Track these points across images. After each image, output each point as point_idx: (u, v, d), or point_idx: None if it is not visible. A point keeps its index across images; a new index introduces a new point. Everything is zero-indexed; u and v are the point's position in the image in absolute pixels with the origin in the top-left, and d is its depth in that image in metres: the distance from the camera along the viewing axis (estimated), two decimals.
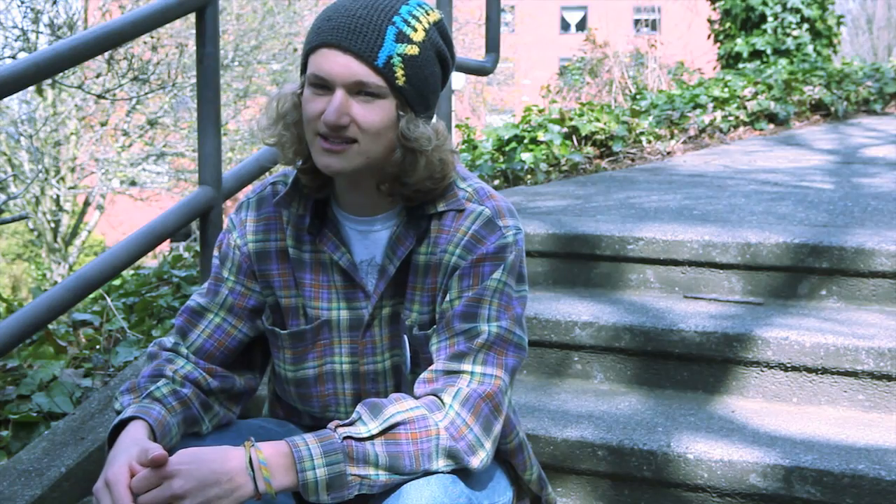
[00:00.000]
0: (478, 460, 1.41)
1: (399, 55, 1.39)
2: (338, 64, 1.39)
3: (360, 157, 1.42)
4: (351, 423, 1.37)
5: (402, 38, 1.40)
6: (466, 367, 1.44)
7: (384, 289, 1.53)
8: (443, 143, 1.46)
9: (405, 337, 1.54)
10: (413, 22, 1.42)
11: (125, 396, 1.51)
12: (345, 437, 1.34)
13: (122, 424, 1.45)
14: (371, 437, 1.35)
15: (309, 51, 1.43)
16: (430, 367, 1.47)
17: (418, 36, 1.42)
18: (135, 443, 1.37)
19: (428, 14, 1.45)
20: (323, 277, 1.56)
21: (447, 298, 1.49)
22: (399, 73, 1.40)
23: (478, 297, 1.47)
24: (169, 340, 1.60)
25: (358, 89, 1.39)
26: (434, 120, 1.49)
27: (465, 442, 1.40)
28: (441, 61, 1.47)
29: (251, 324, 1.61)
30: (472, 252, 1.48)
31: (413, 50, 1.41)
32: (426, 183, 1.47)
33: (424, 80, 1.43)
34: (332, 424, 1.38)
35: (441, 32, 1.47)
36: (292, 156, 1.51)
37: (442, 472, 1.39)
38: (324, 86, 1.41)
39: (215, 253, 1.64)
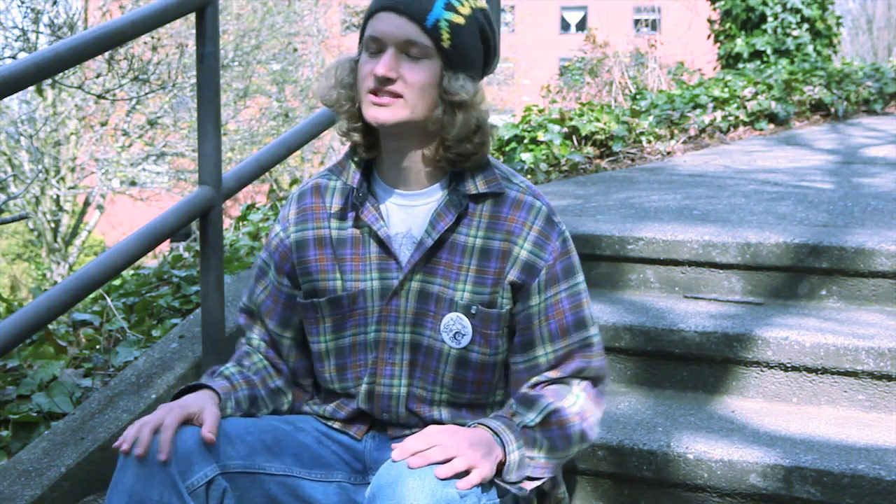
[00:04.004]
0: (595, 438, 1.66)
1: (446, 20, 1.55)
2: (392, 24, 1.54)
3: (404, 111, 1.55)
4: (514, 415, 1.55)
5: (450, 7, 1.56)
6: (584, 371, 1.65)
7: (418, 260, 1.61)
8: (480, 103, 1.59)
9: (456, 315, 1.61)
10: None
11: (203, 378, 1.69)
12: (522, 426, 1.53)
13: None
14: (534, 427, 1.55)
15: (368, 17, 1.59)
16: (552, 369, 1.63)
17: (465, 10, 1.57)
18: (200, 396, 1.58)
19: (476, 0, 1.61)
20: (362, 251, 1.65)
21: (542, 298, 1.62)
22: (445, 35, 1.55)
23: (578, 303, 1.64)
24: (245, 338, 1.79)
25: (407, 49, 1.54)
26: (480, 86, 1.60)
27: (588, 423, 1.62)
28: (484, 40, 1.61)
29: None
30: (543, 249, 1.61)
31: (459, 19, 1.56)
32: (466, 145, 1.59)
33: (467, 47, 1.57)
34: (505, 413, 1.56)
35: (486, 18, 1.61)
36: (346, 116, 1.64)
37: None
38: (378, 49, 1.56)
39: (263, 251, 1.79)
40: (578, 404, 1.61)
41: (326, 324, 1.68)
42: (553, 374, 1.63)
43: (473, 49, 1.59)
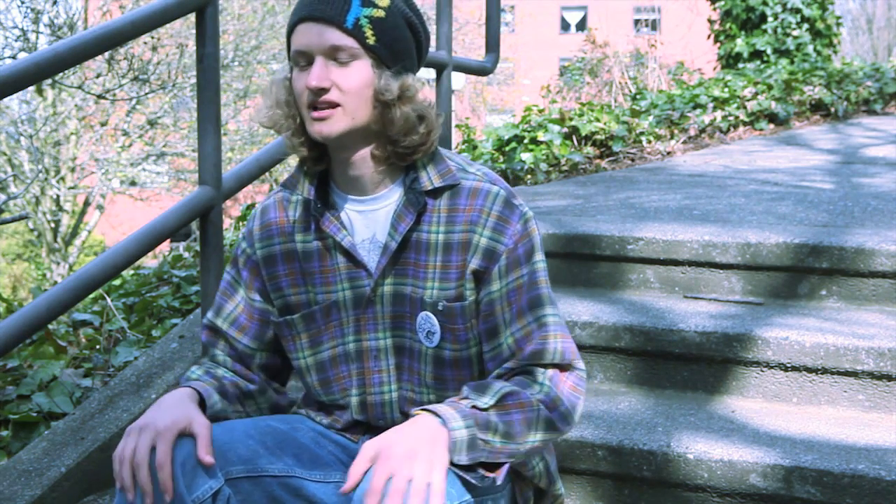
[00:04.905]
0: (569, 428, 1.56)
1: (366, 17, 1.51)
2: (313, 34, 1.51)
3: (345, 119, 1.52)
4: (463, 398, 1.47)
5: (367, 3, 1.52)
6: (541, 354, 1.55)
7: (386, 264, 1.58)
8: (413, 96, 1.55)
9: (426, 314, 1.58)
10: None
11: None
12: (471, 406, 1.45)
13: None
14: (488, 409, 1.46)
15: (290, 33, 1.55)
16: (513, 357, 1.56)
17: (383, 2, 1.53)
18: (181, 401, 1.52)
19: None
20: (329, 262, 1.63)
21: (504, 283, 1.56)
22: (368, 33, 1.51)
23: (535, 282, 1.58)
24: (208, 356, 1.73)
25: (334, 55, 1.50)
26: (410, 79, 1.57)
27: (558, 413, 1.53)
28: (410, 27, 1.57)
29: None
30: (502, 233, 1.56)
31: (379, 13, 1.52)
32: (412, 136, 1.56)
33: (395, 40, 1.54)
34: (448, 400, 1.47)
35: (408, 5, 1.57)
36: (290, 134, 1.60)
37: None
38: (307, 62, 1.52)
39: (229, 267, 1.73)
40: (544, 392, 1.53)
41: (303, 339, 1.66)
42: (512, 363, 1.57)
43: (402, 41, 1.55)
